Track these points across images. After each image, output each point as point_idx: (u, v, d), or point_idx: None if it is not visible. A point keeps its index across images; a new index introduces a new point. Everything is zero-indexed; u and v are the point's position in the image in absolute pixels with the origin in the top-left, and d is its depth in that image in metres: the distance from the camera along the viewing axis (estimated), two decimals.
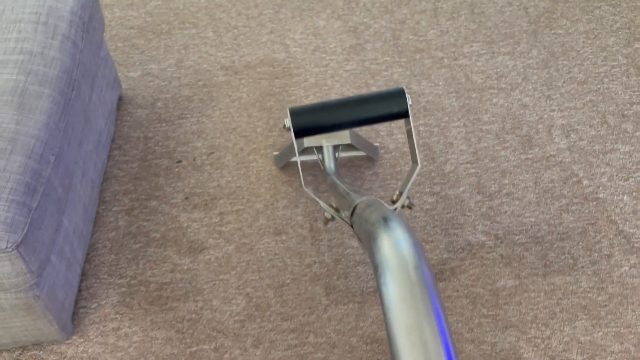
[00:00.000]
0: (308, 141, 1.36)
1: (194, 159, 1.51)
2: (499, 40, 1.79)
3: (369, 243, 0.81)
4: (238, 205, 1.39)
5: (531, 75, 1.67)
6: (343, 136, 1.36)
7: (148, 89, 1.71)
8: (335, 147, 1.37)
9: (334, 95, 1.66)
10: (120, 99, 1.67)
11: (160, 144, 1.55)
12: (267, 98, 1.66)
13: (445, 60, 1.74)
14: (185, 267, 1.28)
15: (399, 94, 1.13)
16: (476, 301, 1.19)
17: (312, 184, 1.44)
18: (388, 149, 1.51)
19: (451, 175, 1.43)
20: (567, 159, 1.44)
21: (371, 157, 1.46)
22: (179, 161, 1.50)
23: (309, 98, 1.65)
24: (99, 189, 1.39)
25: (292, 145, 1.39)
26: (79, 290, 1.24)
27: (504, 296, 1.20)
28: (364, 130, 1.54)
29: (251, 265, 1.28)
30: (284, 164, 1.45)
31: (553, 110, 1.57)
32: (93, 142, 1.35)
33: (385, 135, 1.54)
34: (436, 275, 1.25)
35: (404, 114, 1.13)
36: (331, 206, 1.12)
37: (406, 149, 1.50)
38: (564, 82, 1.65)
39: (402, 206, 1.10)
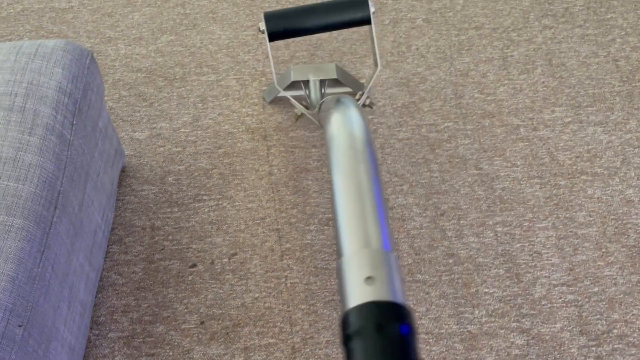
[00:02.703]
0: (295, 75, 1.41)
1: (212, 263, 1.20)
2: (587, 104, 1.46)
3: (325, 123, 0.92)
4: (268, 338, 1.09)
5: (632, 157, 1.34)
6: (329, 71, 1.41)
7: (157, 156, 1.40)
8: (322, 82, 1.40)
9: (384, 173, 1.35)
10: (123, 169, 1.37)
11: (170, 237, 1.24)
12: (302, 175, 1.35)
13: (522, 129, 1.41)
14: None
15: (363, 2, 1.26)
16: None
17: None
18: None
19: (543, 303, 1.11)
20: None
21: (355, 92, 1.42)
22: (194, 265, 1.20)
23: None
24: (90, 312, 1.09)
25: (279, 79, 1.45)
26: None
27: None
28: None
29: None
30: (272, 98, 1.49)
31: None
32: (85, 251, 1.05)
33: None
34: None
35: (367, 21, 1.26)
36: (302, 104, 1.25)
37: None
38: None
39: (363, 105, 1.30)
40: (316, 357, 1.06)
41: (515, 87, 1.51)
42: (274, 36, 1.27)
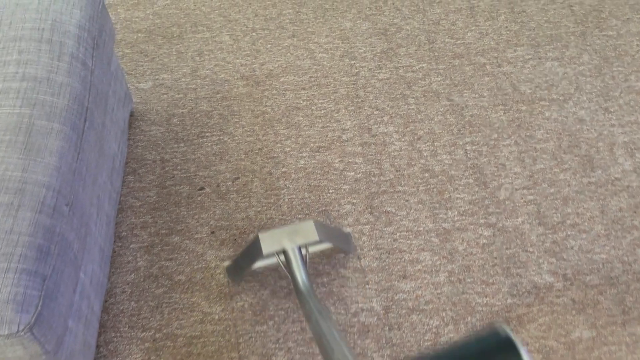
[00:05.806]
0: (266, 246, 1.07)
1: (218, 185, 1.35)
2: (545, 43, 1.63)
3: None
4: None
5: (584, 84, 1.52)
6: (308, 231, 1.08)
7: (161, 102, 1.55)
8: (302, 247, 1.09)
9: (366, 108, 1.51)
10: (131, 114, 1.51)
11: (179, 167, 1.40)
12: (293, 113, 1.50)
13: (488, 67, 1.58)
14: (217, 317, 1.14)
15: (505, 348, 0.57)
16: (550, 356, 1.06)
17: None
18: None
19: (507, 203, 1.28)
20: (635, 183, 1.30)
21: (344, 249, 1.19)
22: (202, 188, 1.35)
23: (340, 112, 1.49)
24: (114, 224, 1.24)
25: (247, 249, 1.12)
26: (97, 347, 1.10)
27: (580, 350, 1.07)
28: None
29: (290, 314, 1.14)
30: (241, 277, 1.15)
31: (613, 125, 1.42)
32: (107, 171, 1.20)
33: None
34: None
35: None
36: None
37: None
38: (621, 92, 1.50)
39: None
40: (313, 254, 1.22)
41: (482, 31, 1.68)
42: None
